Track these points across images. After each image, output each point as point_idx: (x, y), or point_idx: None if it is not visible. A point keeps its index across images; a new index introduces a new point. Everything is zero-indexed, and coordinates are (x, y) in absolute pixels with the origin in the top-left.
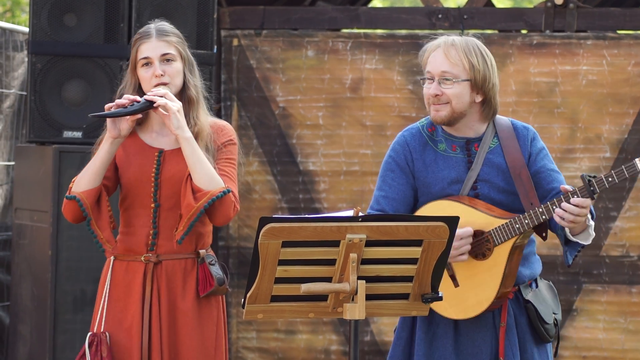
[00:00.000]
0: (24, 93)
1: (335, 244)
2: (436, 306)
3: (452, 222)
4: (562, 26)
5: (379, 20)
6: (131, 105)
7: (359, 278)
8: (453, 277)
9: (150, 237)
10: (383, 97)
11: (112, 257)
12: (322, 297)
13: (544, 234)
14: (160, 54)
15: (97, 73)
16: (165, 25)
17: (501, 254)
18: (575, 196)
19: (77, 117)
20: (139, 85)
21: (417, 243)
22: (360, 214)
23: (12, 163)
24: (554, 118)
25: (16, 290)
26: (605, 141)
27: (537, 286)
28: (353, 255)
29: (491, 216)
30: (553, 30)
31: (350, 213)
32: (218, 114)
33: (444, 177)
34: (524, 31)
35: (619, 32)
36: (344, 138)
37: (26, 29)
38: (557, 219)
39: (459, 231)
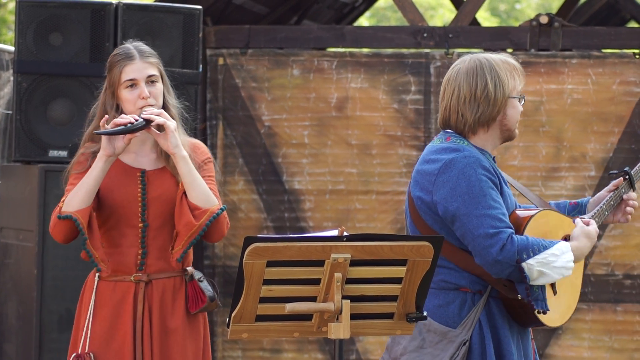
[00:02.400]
0: (10, 112)
1: (320, 263)
2: (545, 319)
3: (436, 241)
4: (547, 45)
5: (364, 39)
6: (130, 124)
7: (344, 297)
8: (552, 285)
9: (139, 256)
10: (368, 116)
11: (96, 277)
12: (306, 317)
13: None
14: (147, 76)
15: (83, 92)
16: (143, 45)
17: None
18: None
19: (62, 136)
20: (117, 106)
21: (402, 262)
22: (345, 233)
23: None
24: (539, 137)
25: (2, 310)
26: (591, 160)
27: None
28: (338, 275)
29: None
30: (538, 49)
31: (334, 232)
32: (204, 133)
33: (509, 192)
34: (509, 50)
35: (603, 51)
36: (330, 157)
37: (12, 48)
38: (628, 209)
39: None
